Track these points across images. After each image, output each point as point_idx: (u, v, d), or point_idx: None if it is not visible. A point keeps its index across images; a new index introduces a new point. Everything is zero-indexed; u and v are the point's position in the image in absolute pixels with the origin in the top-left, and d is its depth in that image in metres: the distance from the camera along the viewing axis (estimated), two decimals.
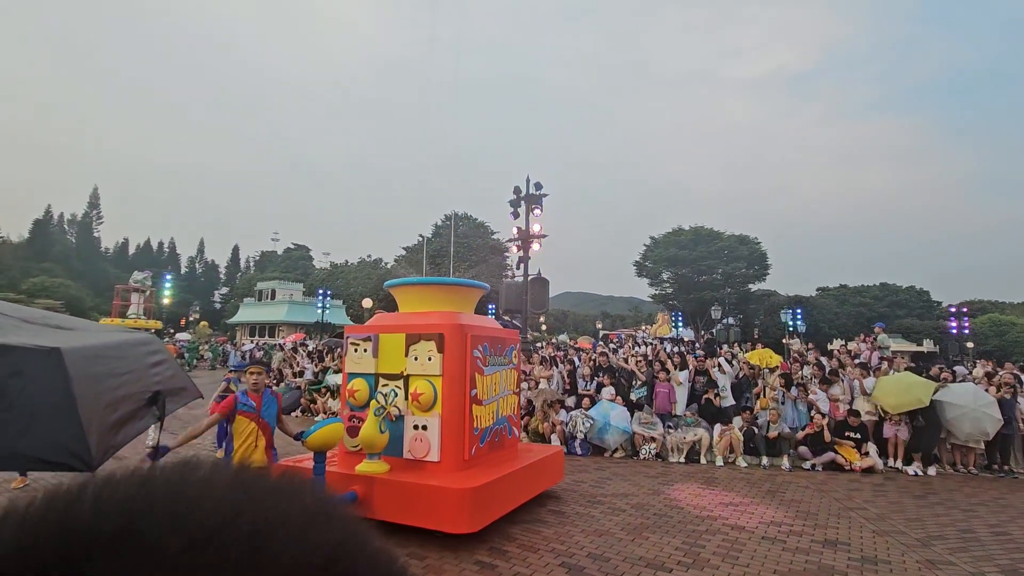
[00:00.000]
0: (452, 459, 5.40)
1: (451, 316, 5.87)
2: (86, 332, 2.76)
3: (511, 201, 16.76)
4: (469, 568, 4.52)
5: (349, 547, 0.32)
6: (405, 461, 5.46)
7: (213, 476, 0.32)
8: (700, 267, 47.09)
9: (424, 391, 5.45)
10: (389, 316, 6.37)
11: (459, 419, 5.52)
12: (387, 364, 5.76)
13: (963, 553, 5.13)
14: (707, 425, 9.34)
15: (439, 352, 5.52)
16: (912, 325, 44.98)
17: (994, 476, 8.44)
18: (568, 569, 4.51)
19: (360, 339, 5.91)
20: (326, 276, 55.42)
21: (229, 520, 0.29)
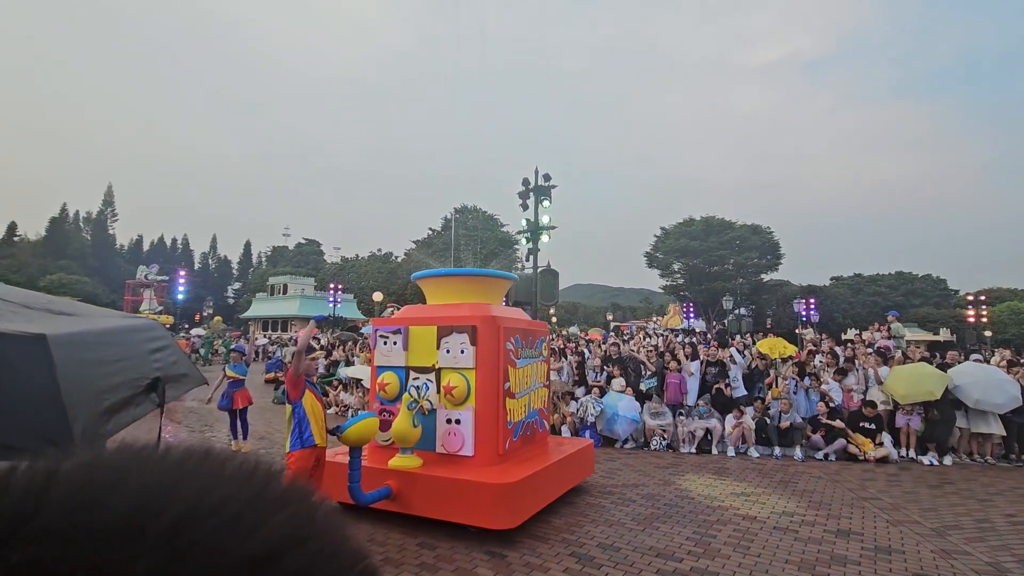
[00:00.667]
0: (487, 453, 5.34)
1: (483, 308, 5.80)
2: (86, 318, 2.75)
3: (520, 193, 16.69)
4: (479, 557, 4.55)
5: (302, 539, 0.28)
6: (438, 456, 5.41)
7: (146, 460, 0.29)
8: (711, 258, 46.71)
9: (457, 384, 5.38)
10: (418, 308, 6.29)
11: (493, 413, 5.45)
12: (418, 357, 5.70)
13: (979, 543, 5.06)
14: (719, 415, 9.29)
15: (472, 345, 5.45)
16: (928, 314, 44.29)
17: (1011, 465, 8.31)
18: (578, 559, 4.52)
19: (390, 332, 5.85)
20: (337, 270, 55.81)
21: (145, 506, 0.26)
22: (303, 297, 50.10)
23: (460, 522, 4.90)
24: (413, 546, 4.76)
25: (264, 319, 50.77)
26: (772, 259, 48.12)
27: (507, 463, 5.43)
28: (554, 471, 5.69)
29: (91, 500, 0.26)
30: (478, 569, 4.33)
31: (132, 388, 2.59)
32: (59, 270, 51.98)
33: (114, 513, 0.25)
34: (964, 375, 8.43)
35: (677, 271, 49.99)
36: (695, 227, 48.35)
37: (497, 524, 4.78)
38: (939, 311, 45.37)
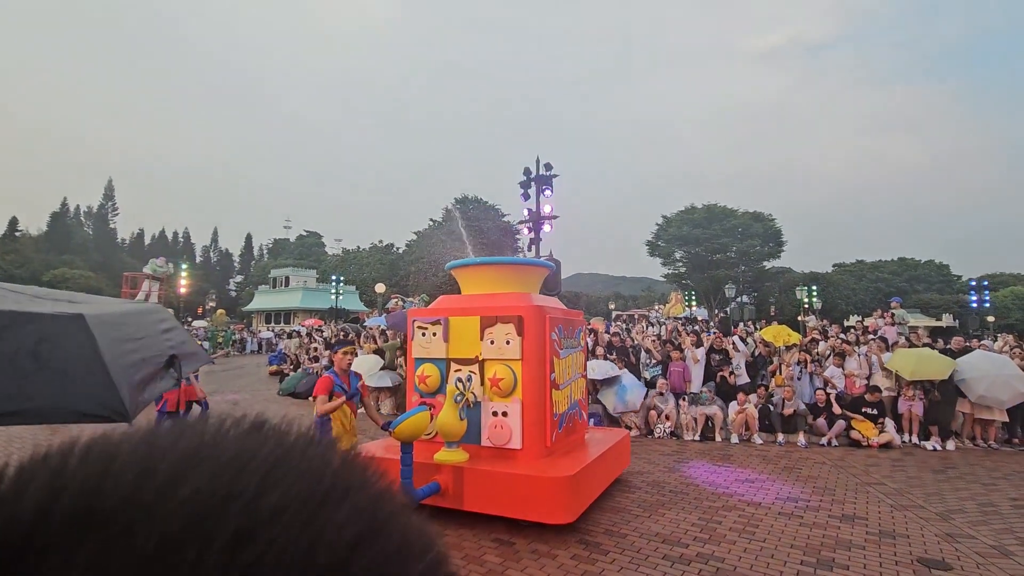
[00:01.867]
0: (535, 446, 5.25)
1: (526, 298, 5.71)
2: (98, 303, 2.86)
3: (521, 183, 16.63)
4: (487, 545, 4.60)
5: (370, 537, 0.25)
6: (484, 449, 5.32)
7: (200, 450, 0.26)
8: (713, 245, 46.59)
9: (504, 376, 5.27)
10: (457, 299, 6.14)
11: (540, 405, 5.36)
12: (459, 349, 5.56)
13: (983, 526, 5.09)
14: (721, 403, 9.32)
15: (519, 335, 5.33)
16: (931, 300, 44.24)
17: (1014, 450, 8.34)
18: (585, 545, 4.56)
19: (428, 323, 5.71)
20: (339, 262, 55.86)
21: (214, 509, 0.23)
22: (305, 289, 50.26)
23: (515, 517, 4.79)
24: (440, 542, 4.81)
25: (267, 311, 50.92)
26: (774, 246, 47.99)
27: (555, 456, 5.37)
28: (602, 463, 5.65)
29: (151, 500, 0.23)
30: (486, 556, 4.38)
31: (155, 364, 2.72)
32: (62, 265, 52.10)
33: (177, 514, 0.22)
34: (973, 368, 8.37)
35: (679, 259, 49.90)
36: (697, 215, 48.17)
37: (556, 519, 4.68)
38: (942, 297, 45.31)
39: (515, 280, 6.04)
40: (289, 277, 52.19)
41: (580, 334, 6.54)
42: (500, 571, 4.12)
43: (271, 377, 18.61)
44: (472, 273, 6.24)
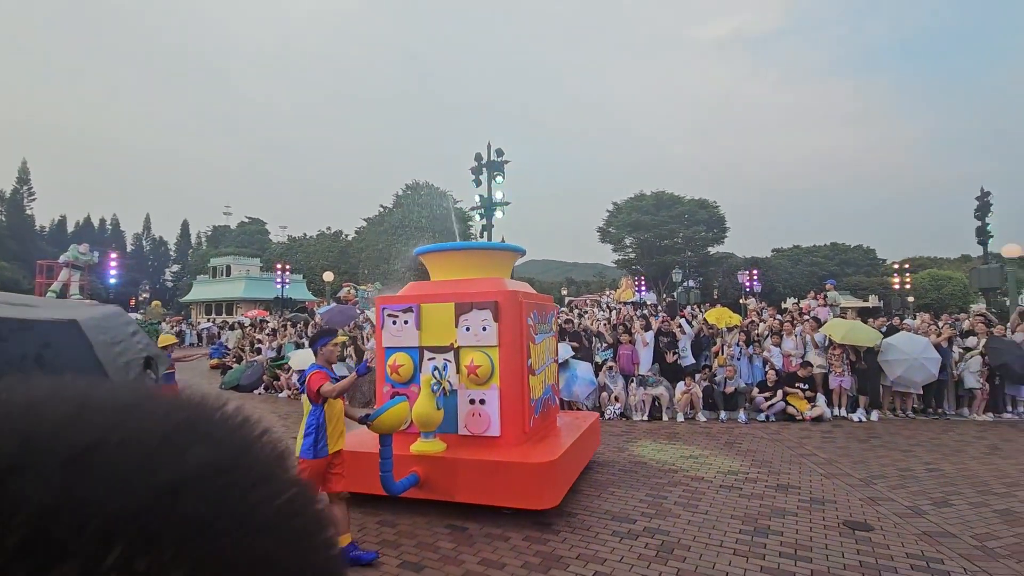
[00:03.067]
0: (514, 433, 5.20)
1: (500, 283, 5.61)
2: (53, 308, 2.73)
3: (473, 168, 16.49)
4: (441, 531, 4.59)
5: (223, 469, 0.26)
6: (461, 438, 5.23)
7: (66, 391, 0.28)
8: (662, 232, 47.90)
9: (481, 363, 5.19)
10: (428, 285, 5.97)
11: (519, 391, 5.30)
12: (433, 336, 5.43)
13: (901, 489, 5.54)
14: (668, 384, 9.66)
15: (495, 321, 5.24)
16: (860, 282, 47.30)
17: (929, 418, 9.09)
18: (538, 526, 4.63)
19: (399, 310, 5.55)
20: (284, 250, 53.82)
21: (42, 436, 0.24)
22: (248, 279, 48.14)
23: (498, 505, 4.76)
24: (373, 524, 4.75)
25: (207, 302, 48.52)
26: (718, 232, 49.86)
27: (533, 441, 5.36)
28: (579, 446, 5.67)
29: None
30: (440, 542, 4.38)
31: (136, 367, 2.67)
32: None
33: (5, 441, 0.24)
34: (895, 350, 8.97)
35: (629, 245, 51.04)
36: (646, 202, 49.32)
37: (540, 504, 4.68)
38: (869, 279, 48.55)
39: (487, 265, 5.95)
40: (230, 266, 49.82)
41: (552, 319, 6.57)
42: (454, 556, 4.13)
43: (212, 371, 17.81)
44: (443, 258, 6.09)
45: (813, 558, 4.01)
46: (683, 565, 3.92)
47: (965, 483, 5.71)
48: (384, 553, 4.18)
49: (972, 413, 9.12)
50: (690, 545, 4.25)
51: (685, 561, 3.98)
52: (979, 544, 4.23)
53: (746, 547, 4.20)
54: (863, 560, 3.96)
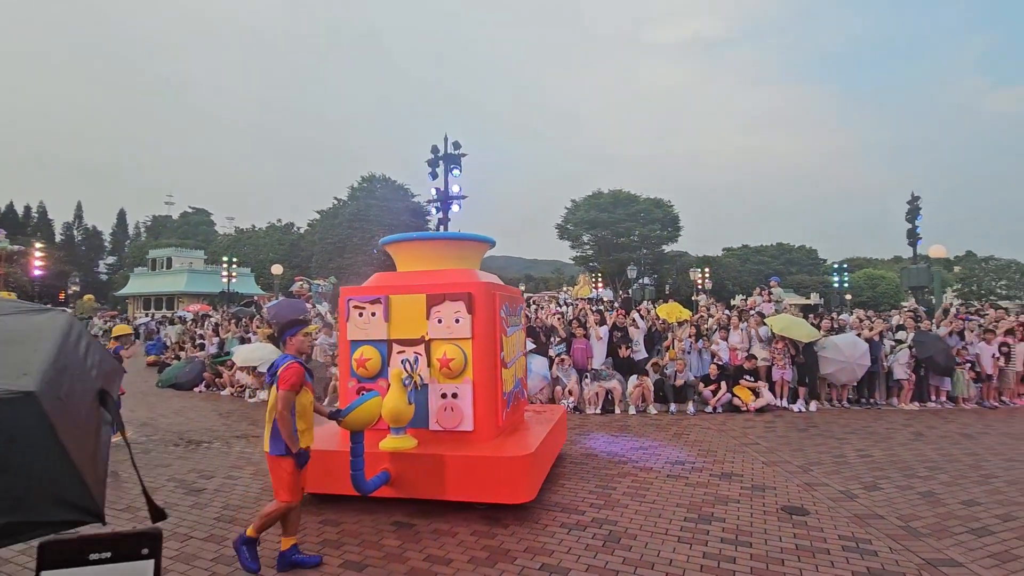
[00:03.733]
0: (487, 427, 5.08)
1: (473, 274, 5.46)
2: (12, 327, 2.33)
3: (429, 161, 16.22)
4: (387, 529, 4.46)
5: None
6: (433, 433, 5.05)
7: None
8: (619, 229, 48.82)
9: (454, 356, 5.02)
10: (397, 276, 5.74)
11: (492, 385, 5.18)
12: (402, 329, 5.21)
13: (835, 475, 5.79)
14: (621, 377, 9.80)
15: (469, 313, 5.09)
16: (802, 280, 49.71)
17: (862, 408, 9.61)
18: (486, 520, 4.57)
19: (366, 301, 5.30)
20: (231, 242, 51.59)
21: None
22: (191, 272, 45.90)
23: (473, 500, 4.65)
24: (315, 524, 4.57)
25: (145, 296, 45.98)
26: (673, 231, 51.27)
27: (505, 435, 5.26)
28: (551, 439, 5.61)
29: None
30: (385, 540, 4.25)
31: (95, 416, 2.37)
32: None
33: None
34: (834, 349, 9.41)
35: (587, 242, 51.77)
36: (603, 200, 50.13)
37: (517, 498, 4.60)
38: (811, 278, 51.08)
39: (458, 256, 5.78)
40: (172, 258, 47.37)
41: (521, 312, 6.48)
42: (399, 553, 4.01)
43: (148, 368, 16.85)
44: (411, 248, 5.87)
45: (753, 543, 4.12)
46: (629, 554, 3.95)
47: (892, 468, 6.04)
48: (326, 553, 4.01)
49: (900, 403, 9.69)
50: (636, 534, 4.29)
51: (631, 550, 4.01)
52: (904, 524, 4.46)
53: (690, 534, 4.28)
54: (799, 543, 4.10)
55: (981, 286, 49.64)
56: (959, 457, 6.45)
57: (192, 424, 9.09)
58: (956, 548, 4.02)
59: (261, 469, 6.32)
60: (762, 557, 3.89)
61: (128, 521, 4.72)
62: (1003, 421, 8.61)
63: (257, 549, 3.77)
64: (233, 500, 5.25)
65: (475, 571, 3.73)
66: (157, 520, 2.32)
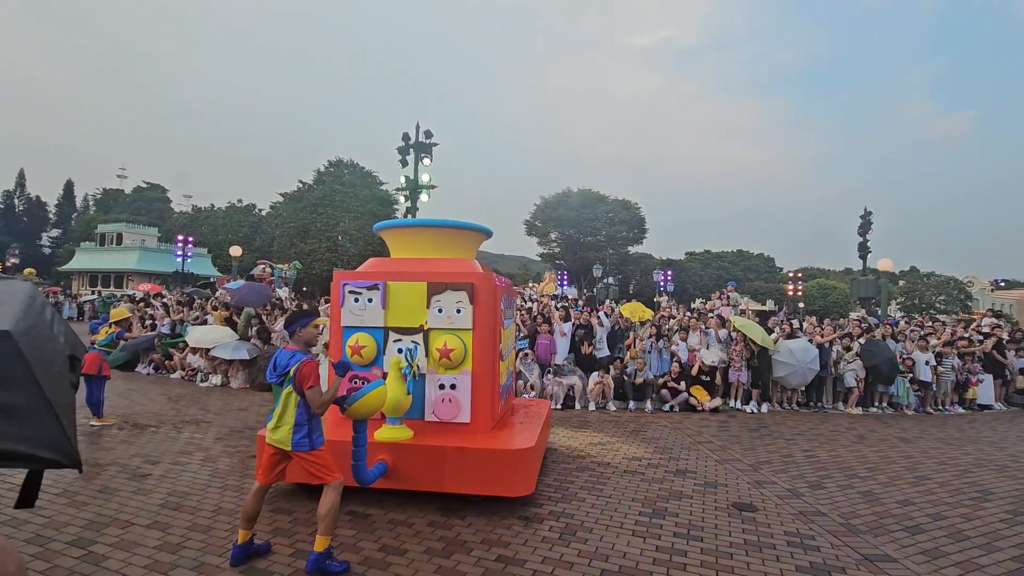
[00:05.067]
0: (483, 419, 5.01)
1: (474, 264, 5.37)
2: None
3: (399, 148, 15.96)
4: (342, 518, 4.37)
5: None
6: (428, 424, 4.94)
7: None
8: (586, 228, 49.30)
9: (455, 347, 4.93)
10: (395, 262, 5.55)
11: (490, 376, 5.13)
12: (400, 317, 5.07)
13: (783, 473, 6.02)
14: (582, 374, 9.91)
15: (471, 304, 5.00)
16: (760, 287, 51.39)
17: (810, 411, 10.02)
18: (443, 512, 4.54)
19: (363, 287, 5.14)
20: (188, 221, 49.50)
21: None
22: (143, 249, 43.90)
23: (472, 493, 4.59)
24: (267, 512, 4.44)
25: (92, 272, 43.67)
26: (638, 233, 52.15)
27: (501, 428, 5.22)
28: (544, 433, 5.61)
29: None
30: (339, 529, 4.15)
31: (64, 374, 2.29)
32: None
33: None
34: (788, 353, 9.77)
35: (554, 240, 52.08)
36: (572, 198, 50.50)
37: (518, 491, 4.58)
38: (768, 285, 52.88)
39: (457, 244, 5.68)
40: (122, 234, 45.12)
41: (514, 304, 6.46)
42: (353, 543, 3.94)
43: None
44: (409, 234, 5.71)
45: (704, 537, 4.24)
46: (584, 547, 4.00)
47: (836, 468, 6.32)
48: (277, 543, 3.91)
49: (847, 407, 10.15)
50: (592, 527, 4.35)
51: (587, 543, 4.06)
52: (844, 522, 4.68)
53: (644, 528, 4.36)
54: (747, 538, 4.24)
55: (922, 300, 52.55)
56: (896, 459, 6.81)
57: (138, 408, 8.70)
58: (891, 545, 4.24)
59: (211, 455, 6.10)
60: (712, 551, 4.00)
61: (64, 506, 4.47)
62: (937, 427, 9.14)
63: (333, 550, 3.57)
64: (180, 487, 5.04)
65: (430, 562, 3.70)
66: (20, 506, 2.19)
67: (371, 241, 37.65)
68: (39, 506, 4.36)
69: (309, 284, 36.29)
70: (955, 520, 4.80)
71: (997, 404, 11.20)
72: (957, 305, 48.76)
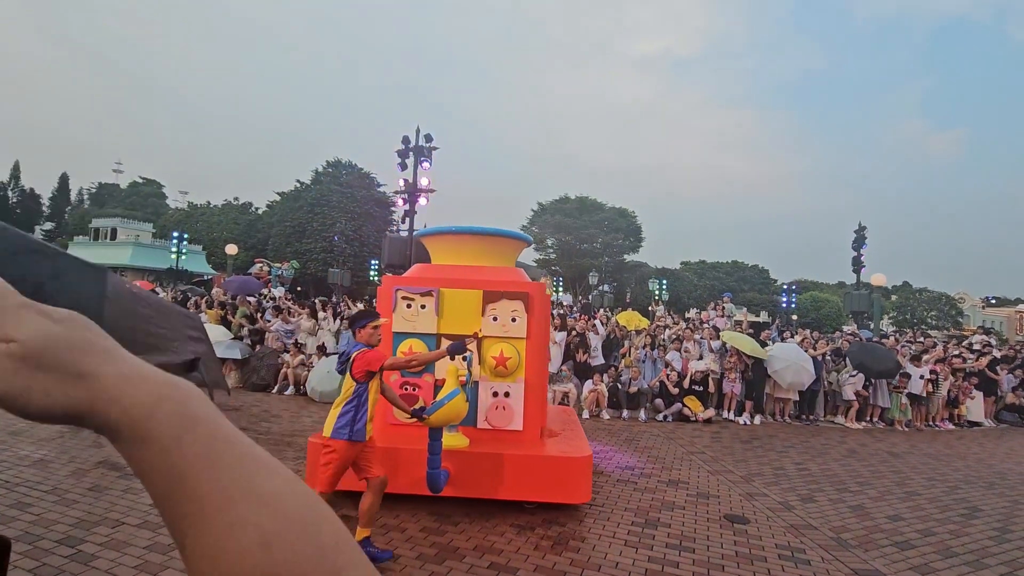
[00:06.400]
0: (534, 427, 5.07)
1: (522, 273, 5.48)
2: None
3: (399, 151, 15.99)
4: None
5: None
6: (482, 432, 4.98)
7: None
8: (582, 235, 49.43)
9: (511, 356, 4.99)
10: (447, 269, 5.51)
11: (541, 385, 5.22)
12: (453, 324, 5.07)
13: (775, 486, 6.05)
14: (577, 381, 9.92)
15: (526, 313, 5.06)
16: (753, 298, 51.68)
17: (802, 424, 10.07)
18: (436, 517, 4.54)
19: (417, 293, 5.13)
20: (183, 217, 49.26)
21: None
22: (137, 245, 43.61)
23: (530, 500, 4.66)
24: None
25: None
26: (634, 241, 52.33)
27: (549, 436, 5.26)
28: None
29: None
30: None
31: (165, 353, 2.49)
32: None
33: None
34: (779, 360, 9.83)
35: (550, 246, 52.17)
36: (570, 205, 50.68)
37: (580, 498, 4.66)
38: (761, 296, 53.19)
39: (501, 253, 5.71)
40: (116, 229, 44.81)
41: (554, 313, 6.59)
42: None
43: None
44: (456, 242, 5.69)
45: (696, 548, 4.25)
46: (577, 555, 4.00)
47: (827, 482, 6.36)
48: None
49: (846, 421, 10.19)
50: (585, 536, 4.35)
51: (579, 552, 4.07)
52: (835, 536, 4.70)
53: (636, 538, 4.37)
54: (739, 551, 4.26)
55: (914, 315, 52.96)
56: (886, 474, 6.85)
57: None
58: (881, 560, 4.27)
59: None
60: (704, 563, 4.01)
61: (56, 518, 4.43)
62: (927, 443, 9.21)
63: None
64: None
65: (423, 568, 3.69)
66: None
67: (366, 243, 37.60)
68: (27, 503, 4.33)
69: (304, 284, 36.19)
70: (944, 536, 4.84)
71: (987, 421, 11.30)
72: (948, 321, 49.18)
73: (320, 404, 9.38)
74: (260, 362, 10.66)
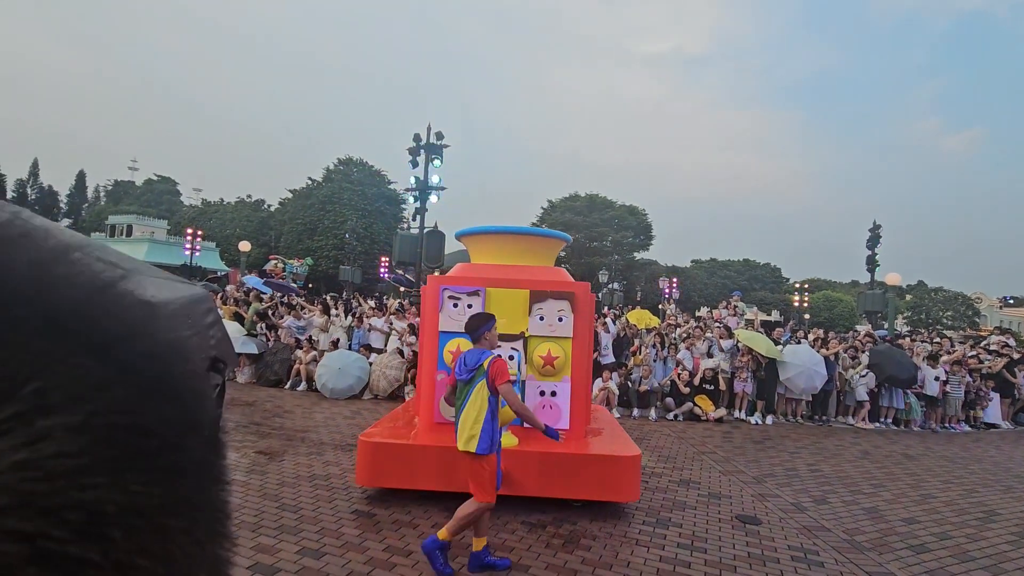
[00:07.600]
0: (580, 426, 5.12)
1: (565, 273, 5.52)
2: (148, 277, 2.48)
3: (410, 149, 16.03)
4: (346, 517, 4.42)
5: None
6: (527, 430, 4.95)
7: None
8: (592, 233, 49.28)
9: (558, 355, 5.04)
10: (492, 268, 5.52)
11: (586, 384, 5.27)
12: (500, 323, 5.01)
13: (787, 487, 6.01)
14: None
15: (572, 313, 5.11)
16: (765, 297, 51.27)
17: (814, 425, 9.98)
18: (448, 514, 4.54)
19: (464, 292, 5.17)
20: (197, 214, 49.85)
21: None
22: (152, 241, 44.12)
23: (580, 498, 4.70)
24: (273, 509, 4.47)
25: None
26: (644, 239, 52.09)
27: (591, 435, 5.30)
28: None
29: None
30: (344, 528, 4.19)
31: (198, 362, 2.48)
32: None
33: None
34: (791, 367, 9.70)
35: None
36: (579, 202, 50.54)
37: (630, 496, 4.69)
38: (773, 295, 52.74)
39: (542, 253, 5.73)
40: (132, 226, 45.38)
41: None
42: (358, 543, 3.97)
43: None
44: (498, 241, 5.70)
45: (708, 549, 4.23)
46: (588, 554, 4.01)
47: (840, 483, 6.30)
48: (283, 540, 3.94)
49: (856, 421, 10.09)
50: (596, 535, 4.35)
51: (590, 550, 4.07)
52: (849, 538, 4.66)
53: (648, 538, 4.37)
54: (751, 552, 4.24)
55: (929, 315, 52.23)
56: (901, 476, 6.78)
57: None
58: (896, 563, 4.23)
59: None
60: (716, 563, 4.00)
61: None
62: (942, 445, 9.08)
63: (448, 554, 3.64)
64: None
65: None
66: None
67: (377, 240, 37.78)
68: None
69: (315, 281, 36.48)
70: (960, 540, 4.78)
71: (1004, 423, 11.13)
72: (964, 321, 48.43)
73: (331, 401, 9.46)
74: (273, 357, 10.77)
